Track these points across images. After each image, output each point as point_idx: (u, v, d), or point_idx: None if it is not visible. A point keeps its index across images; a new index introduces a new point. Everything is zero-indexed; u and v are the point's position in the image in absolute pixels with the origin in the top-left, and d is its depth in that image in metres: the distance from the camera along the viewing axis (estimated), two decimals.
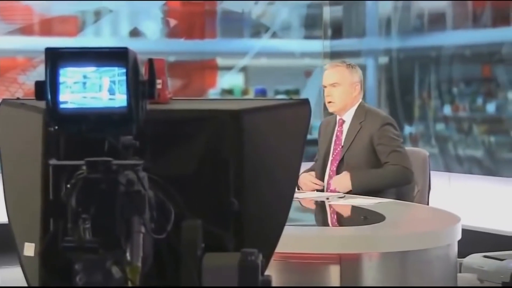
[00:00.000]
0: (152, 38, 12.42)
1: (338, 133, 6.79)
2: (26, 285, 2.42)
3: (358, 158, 6.65)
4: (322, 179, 6.83)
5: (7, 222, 2.47)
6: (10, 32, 12.24)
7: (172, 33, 12.80)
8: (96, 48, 2.07)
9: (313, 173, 6.88)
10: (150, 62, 2.13)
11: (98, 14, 12.60)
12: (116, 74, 2.03)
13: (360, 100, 6.88)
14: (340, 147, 6.76)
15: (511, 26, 10.92)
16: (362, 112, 6.78)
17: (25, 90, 11.82)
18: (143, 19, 12.78)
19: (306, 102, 2.64)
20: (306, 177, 6.73)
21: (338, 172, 6.72)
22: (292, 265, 2.26)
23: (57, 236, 2.19)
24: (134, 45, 1.93)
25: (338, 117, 6.84)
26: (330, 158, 6.79)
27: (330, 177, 6.78)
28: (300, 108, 2.63)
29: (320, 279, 4.93)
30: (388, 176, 6.51)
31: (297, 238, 2.42)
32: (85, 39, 12.00)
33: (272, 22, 13.37)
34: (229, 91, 12.96)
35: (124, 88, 2.03)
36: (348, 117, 6.75)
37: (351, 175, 6.56)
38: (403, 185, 6.60)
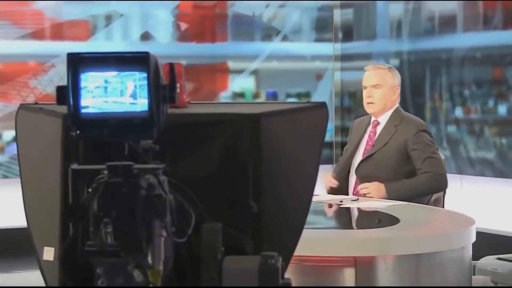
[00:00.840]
0: (163, 42, 12.43)
1: (371, 134, 6.83)
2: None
3: (387, 162, 6.66)
4: (346, 176, 6.86)
5: (26, 226, 2.48)
6: (22, 36, 12.26)
7: (183, 37, 12.81)
8: (117, 52, 2.07)
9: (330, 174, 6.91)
10: (171, 66, 2.13)
11: (109, 18, 12.61)
12: (137, 79, 2.04)
13: (398, 104, 6.90)
14: (371, 146, 6.77)
15: None
16: (397, 116, 6.83)
17: (37, 95, 11.84)
18: (154, 23, 12.79)
19: (323, 105, 2.65)
20: (324, 175, 6.76)
21: (361, 170, 6.74)
22: (307, 267, 2.27)
23: (77, 240, 2.19)
24: (145, 49, 1.93)
25: (373, 119, 6.86)
26: (358, 155, 6.79)
27: (353, 174, 6.83)
28: (317, 111, 2.64)
29: (335, 282, 4.93)
30: (422, 185, 6.53)
31: (312, 241, 2.42)
32: (96, 43, 12.02)
33: (282, 25, 13.37)
34: (241, 94, 12.97)
35: (145, 92, 2.04)
36: (383, 119, 6.79)
37: (386, 185, 6.57)
38: (437, 192, 6.62)
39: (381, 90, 6.79)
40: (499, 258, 6.64)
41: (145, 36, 12.61)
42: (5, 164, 12.20)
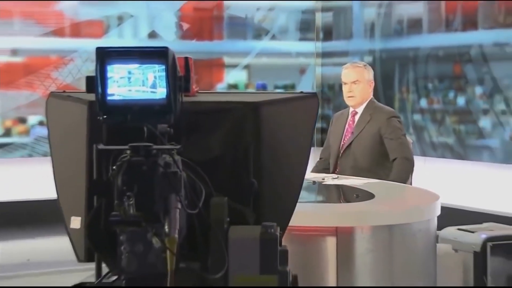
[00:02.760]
0: (167, 40, 12.41)
1: (350, 122, 6.89)
2: (72, 252, 2.42)
3: (365, 144, 6.75)
4: (335, 161, 6.90)
5: (49, 199, 2.46)
6: (45, 34, 12.24)
7: (185, 35, 12.82)
8: (139, 47, 2.08)
9: None
10: (186, 60, 2.13)
11: (120, 19, 12.60)
12: (157, 70, 2.04)
13: (372, 96, 6.94)
14: (351, 133, 6.82)
15: (478, 30, 10.94)
16: (372, 106, 6.90)
17: (58, 85, 11.82)
18: (160, 23, 12.78)
19: (315, 95, 2.67)
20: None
21: (345, 154, 6.78)
22: (295, 236, 2.27)
23: (100, 211, 2.19)
24: (151, 45, 1.95)
25: (351, 110, 6.90)
26: (341, 143, 6.84)
27: (340, 158, 6.85)
28: (309, 100, 2.65)
29: (320, 249, 4.94)
30: (396, 177, 6.55)
31: (299, 213, 2.41)
32: (109, 41, 12.00)
33: (271, 26, 13.39)
34: (234, 86, 13.01)
35: (164, 82, 2.05)
36: (360, 109, 6.86)
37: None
38: (410, 172, 6.70)
39: (360, 85, 6.84)
40: (459, 229, 6.65)
41: (152, 35, 12.61)
42: (30, 145, 12.18)
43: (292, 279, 2.21)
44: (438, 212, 5.56)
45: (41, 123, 12.02)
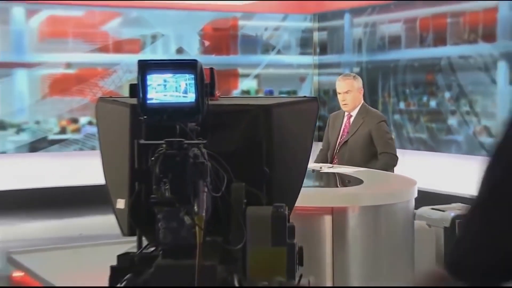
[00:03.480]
0: (192, 54, 12.42)
1: (346, 124, 6.89)
2: (118, 228, 2.42)
3: (359, 142, 6.76)
4: (333, 154, 6.93)
5: (97, 184, 2.47)
6: (92, 50, 12.26)
7: (206, 51, 12.85)
8: (174, 60, 2.10)
9: None
10: (211, 70, 2.15)
11: (154, 37, 12.61)
12: (187, 79, 2.05)
13: (362, 100, 6.94)
14: (347, 133, 6.84)
15: (447, 46, 10.96)
16: (364, 110, 6.90)
17: (103, 91, 11.85)
18: (185, 41, 12.79)
19: (315, 99, 2.71)
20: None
21: (342, 149, 6.81)
22: (299, 215, 2.27)
23: (141, 194, 2.19)
24: (181, 59, 2.00)
25: (346, 113, 6.90)
26: (338, 140, 6.85)
27: (337, 152, 6.87)
28: (311, 103, 2.67)
29: (318, 225, 4.94)
30: (382, 167, 6.56)
31: (302, 196, 2.43)
32: (145, 56, 12.03)
33: (277, 43, 13.39)
34: (247, 92, 13.06)
35: (193, 88, 2.06)
36: (354, 113, 6.84)
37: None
38: (393, 167, 6.70)
39: (351, 94, 6.84)
40: (432, 208, 6.64)
41: (179, 50, 12.64)
42: (81, 140, 12.21)
43: (298, 250, 2.20)
44: (415, 195, 5.56)
45: (90, 123, 12.06)
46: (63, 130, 12.22)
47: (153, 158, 2.01)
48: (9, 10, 11.82)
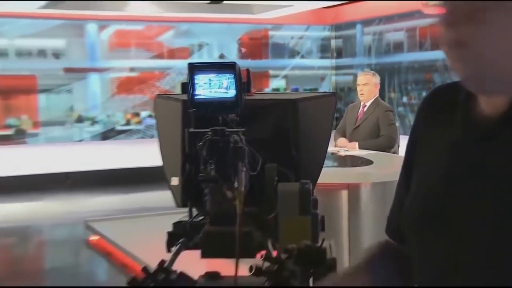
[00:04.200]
0: (231, 60, 12.45)
1: (361, 111, 6.82)
2: (173, 201, 2.41)
3: (368, 127, 6.70)
4: (350, 135, 6.84)
5: (156, 166, 2.47)
6: (151, 57, 12.33)
7: (243, 56, 12.88)
8: (217, 62, 2.10)
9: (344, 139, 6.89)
10: (248, 71, 2.13)
11: (200, 46, 12.65)
12: (228, 78, 2.04)
13: (377, 95, 6.90)
14: (360, 119, 6.80)
15: (442, 50, 10.91)
16: (376, 102, 6.83)
17: (160, 90, 11.93)
18: (226, 48, 12.81)
19: (334, 94, 2.68)
20: (342, 141, 6.79)
21: (356, 131, 6.80)
22: (319, 190, 2.26)
23: (191, 173, 2.19)
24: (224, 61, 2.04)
25: (362, 103, 6.85)
26: (355, 125, 6.81)
27: (351, 134, 6.83)
28: (330, 97, 2.64)
29: (336, 199, 4.93)
30: (380, 145, 6.54)
31: (323, 174, 2.41)
32: (193, 60, 12.08)
33: (301, 49, 13.40)
34: (276, 89, 13.07)
35: (233, 86, 2.04)
36: (368, 103, 6.78)
37: (358, 142, 6.62)
38: (389, 147, 6.64)
39: (367, 86, 6.79)
40: None
41: (221, 56, 12.70)
42: (142, 130, 12.31)
43: (321, 219, 2.18)
44: None
45: (149, 116, 12.14)
46: (128, 122, 12.31)
47: (200, 144, 2.00)
48: (85, 26, 11.93)
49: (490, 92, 1.25)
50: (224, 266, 2.14)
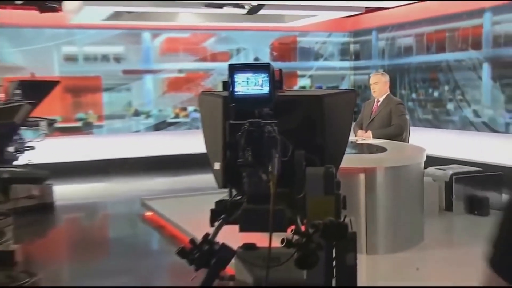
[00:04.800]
0: (264, 61, 12.43)
1: (375, 106, 6.76)
2: (215, 183, 2.38)
3: (381, 118, 6.65)
4: (366, 127, 6.78)
5: (205, 152, 2.46)
6: (196, 60, 12.33)
7: (274, 59, 12.79)
8: (253, 63, 2.08)
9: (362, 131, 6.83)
10: (280, 71, 2.11)
11: (238, 50, 12.61)
12: (263, 76, 2.01)
13: (388, 91, 6.82)
14: (375, 112, 6.74)
15: (446, 53, 10.83)
16: (388, 97, 6.78)
17: (204, 88, 11.92)
18: (260, 52, 12.76)
19: (354, 90, 2.65)
20: (360, 132, 6.74)
21: (372, 123, 6.71)
22: (341, 173, 2.22)
23: (231, 159, 2.16)
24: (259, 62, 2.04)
25: (376, 99, 6.78)
26: (370, 117, 6.74)
27: (368, 125, 6.74)
28: (351, 93, 2.60)
29: (354, 181, 4.88)
30: (391, 133, 6.48)
31: (344, 159, 2.39)
32: (233, 63, 12.07)
33: (324, 52, 13.28)
34: (303, 87, 12.97)
35: (267, 83, 2.02)
36: (381, 99, 6.71)
37: (372, 132, 6.57)
38: (399, 135, 6.55)
39: (378, 84, 6.73)
40: (436, 168, 6.53)
41: (256, 59, 12.62)
42: (189, 122, 12.33)
43: (342, 198, 2.15)
44: (424, 158, 5.45)
45: (195, 110, 12.16)
46: (176, 116, 12.33)
47: (239, 134, 1.98)
48: (141, 34, 11.98)
49: None
50: (259, 239, 2.11)
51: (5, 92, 7.72)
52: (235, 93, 2.05)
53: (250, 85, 2.04)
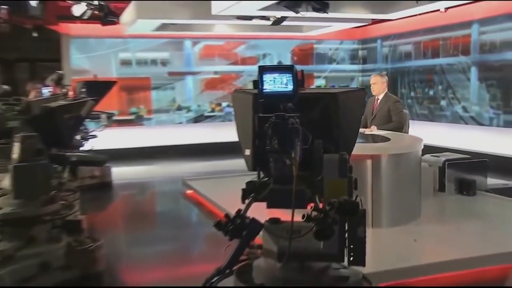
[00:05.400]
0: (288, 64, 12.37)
1: (375, 104, 6.66)
2: (245, 166, 2.35)
3: (382, 115, 6.55)
4: (369, 123, 6.66)
5: (237, 141, 2.43)
6: (229, 63, 12.29)
7: (294, 62, 12.68)
8: (279, 65, 2.05)
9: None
10: (302, 72, 2.07)
11: (264, 55, 12.53)
12: (287, 76, 1.98)
13: (386, 90, 6.69)
14: (376, 109, 6.63)
15: (439, 58, 10.70)
16: (386, 95, 6.67)
17: (235, 87, 11.89)
18: (283, 57, 12.66)
19: (364, 89, 2.60)
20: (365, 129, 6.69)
21: (373, 120, 6.58)
22: (353, 160, 2.18)
23: (259, 146, 2.13)
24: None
25: (376, 97, 6.68)
26: (372, 115, 6.63)
27: (370, 122, 6.63)
28: (361, 91, 2.57)
29: (362, 166, 4.81)
30: (392, 128, 6.38)
31: (355, 148, 2.36)
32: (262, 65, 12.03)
33: (337, 57, 13.14)
34: (319, 86, 12.86)
35: (291, 82, 1.99)
36: (380, 97, 6.61)
37: (377, 127, 6.47)
38: (399, 129, 6.46)
39: (376, 84, 6.64)
40: (431, 155, 6.43)
41: (279, 63, 12.50)
42: (223, 116, 12.30)
43: (354, 180, 2.11)
44: (422, 147, 5.37)
45: (228, 106, 12.13)
46: (212, 110, 12.32)
47: (267, 125, 1.95)
48: (183, 42, 12.00)
49: None
50: (283, 214, 2.09)
51: (74, 90, 7.80)
52: (264, 91, 2.02)
53: (277, 83, 2.01)
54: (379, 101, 6.67)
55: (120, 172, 8.89)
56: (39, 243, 4.06)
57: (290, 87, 2.01)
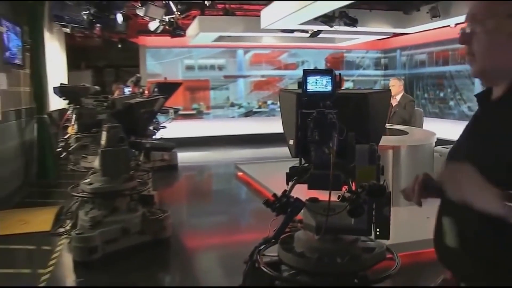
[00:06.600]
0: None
1: (394, 103, 6.45)
2: (289, 154, 2.28)
3: (399, 114, 6.31)
4: (388, 119, 6.46)
5: (282, 132, 2.37)
6: (274, 68, 12.20)
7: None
8: (321, 69, 1.96)
9: None
10: (340, 75, 1.98)
11: (302, 62, 12.38)
12: (327, 78, 1.90)
13: (403, 91, 6.47)
14: (394, 107, 6.43)
15: (449, 66, 10.38)
16: (403, 96, 6.45)
17: (279, 88, 11.80)
18: (318, 63, 12.47)
19: (389, 91, 2.48)
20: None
21: (392, 117, 6.36)
22: (379, 150, 2.12)
23: (301, 137, 2.07)
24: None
25: (394, 97, 6.48)
26: (390, 113, 6.43)
27: (390, 118, 6.39)
28: (387, 92, 2.46)
29: (386, 155, 4.69)
30: (403, 120, 6.16)
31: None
32: (298, 72, 11.90)
33: (363, 64, 12.88)
34: (347, 88, 12.64)
35: (330, 83, 1.91)
36: (398, 97, 6.40)
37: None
38: (408, 122, 6.25)
39: (394, 87, 6.43)
40: (442, 147, 6.20)
41: (315, 68, 12.34)
42: (268, 112, 12.23)
43: (381, 167, 2.03)
44: (435, 140, 5.20)
45: (272, 103, 12.05)
46: (259, 107, 12.28)
47: (309, 119, 1.88)
48: (236, 51, 11.98)
49: (491, 82, 1.29)
50: (321, 195, 2.02)
51: (148, 90, 7.92)
52: (307, 90, 1.96)
53: (318, 84, 1.94)
54: (397, 101, 6.48)
55: (184, 157, 8.97)
56: (120, 212, 4.12)
57: (329, 88, 1.94)
